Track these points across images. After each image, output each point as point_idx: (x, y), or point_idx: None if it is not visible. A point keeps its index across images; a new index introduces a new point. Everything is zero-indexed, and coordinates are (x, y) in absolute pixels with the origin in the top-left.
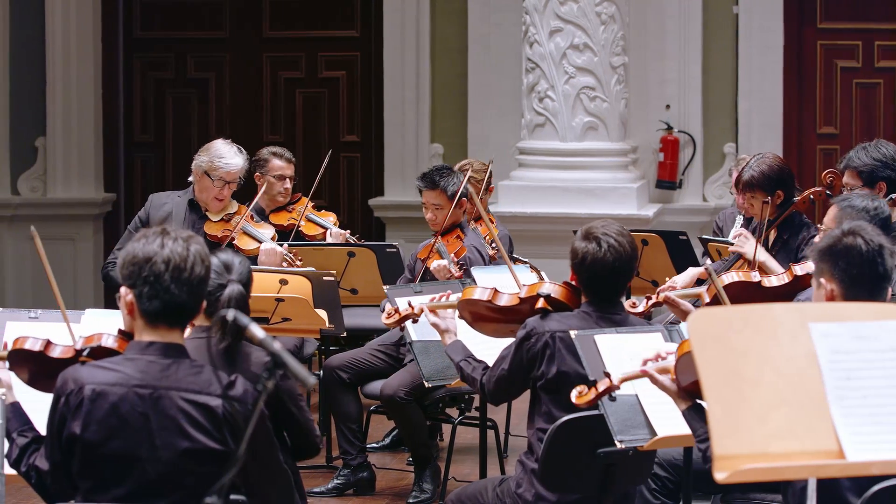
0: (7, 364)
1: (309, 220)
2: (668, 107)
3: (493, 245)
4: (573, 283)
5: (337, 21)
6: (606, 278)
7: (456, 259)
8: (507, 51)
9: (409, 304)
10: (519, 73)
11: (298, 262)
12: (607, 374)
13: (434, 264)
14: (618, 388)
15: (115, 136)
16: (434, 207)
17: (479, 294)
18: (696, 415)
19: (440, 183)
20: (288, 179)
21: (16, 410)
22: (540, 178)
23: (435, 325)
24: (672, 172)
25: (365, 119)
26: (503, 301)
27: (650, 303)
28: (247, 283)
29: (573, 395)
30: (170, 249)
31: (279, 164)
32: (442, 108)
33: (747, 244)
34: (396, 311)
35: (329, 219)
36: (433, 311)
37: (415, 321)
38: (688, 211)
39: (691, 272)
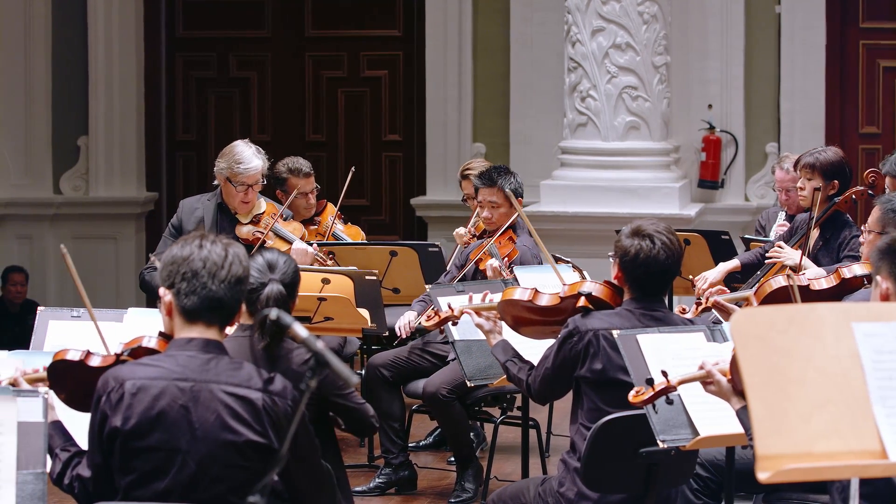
0: (46, 384)
1: (335, 237)
2: (710, 106)
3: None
4: (614, 281)
5: (379, 20)
6: (658, 275)
7: (508, 262)
8: (549, 50)
9: (450, 307)
10: (561, 72)
11: (329, 262)
12: (665, 374)
13: (487, 265)
14: (675, 388)
15: (157, 135)
16: (491, 206)
17: (519, 294)
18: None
19: (498, 181)
20: (310, 194)
21: (58, 428)
22: (582, 178)
23: (480, 326)
24: (714, 172)
25: (407, 118)
26: (544, 301)
27: (700, 308)
28: (290, 282)
29: (630, 394)
30: (208, 250)
31: (298, 181)
32: (484, 107)
33: (790, 254)
34: (436, 313)
35: (353, 235)
36: (477, 312)
37: (454, 324)
38: (730, 210)
39: (722, 267)
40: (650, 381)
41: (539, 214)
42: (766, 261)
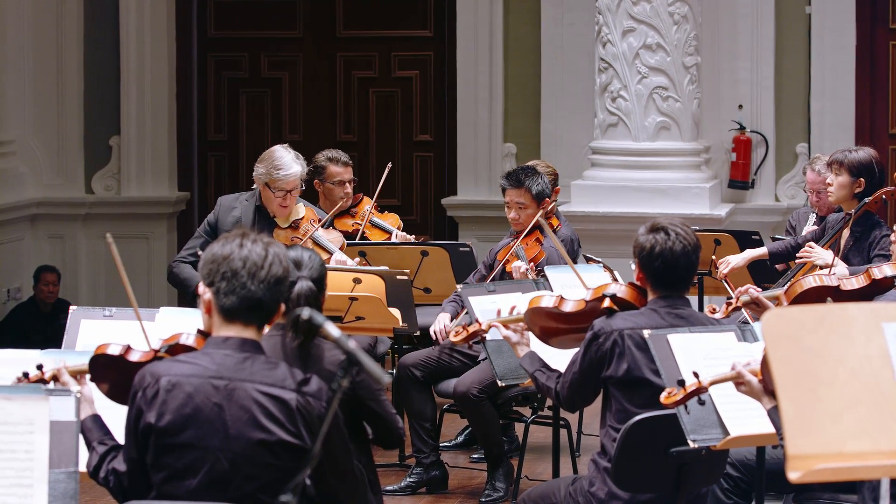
0: (88, 377)
1: (373, 224)
2: (740, 107)
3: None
4: (638, 283)
5: (410, 20)
6: (677, 268)
7: (534, 265)
8: (579, 50)
9: (477, 321)
10: (592, 72)
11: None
12: (696, 375)
13: (513, 267)
14: (706, 389)
15: (189, 135)
16: (518, 206)
17: (545, 302)
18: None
19: (525, 182)
20: (347, 183)
21: (97, 422)
22: (613, 178)
23: (507, 338)
24: (744, 172)
25: (438, 118)
26: (569, 307)
27: (730, 308)
28: (318, 278)
29: (662, 395)
30: (248, 249)
31: (337, 169)
32: (515, 107)
33: (821, 254)
34: (465, 328)
35: (391, 221)
36: (505, 325)
37: (482, 339)
38: (760, 211)
39: (748, 253)
40: (682, 383)
41: (570, 214)
42: (797, 260)
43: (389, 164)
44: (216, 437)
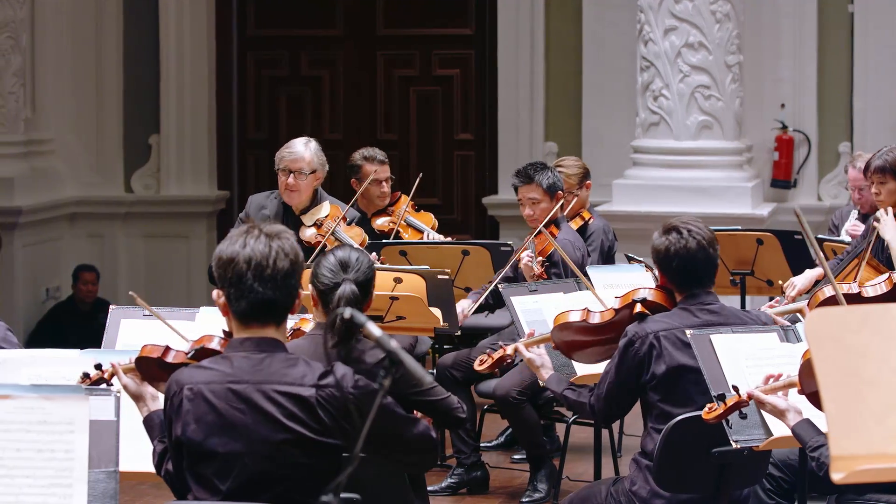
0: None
1: (408, 223)
2: (782, 106)
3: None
4: (664, 286)
5: (451, 19)
6: (696, 264)
7: (541, 258)
8: (621, 49)
9: (502, 346)
10: (633, 71)
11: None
12: (735, 389)
13: (523, 260)
14: (747, 403)
15: (229, 134)
16: (531, 202)
17: (573, 317)
18: (805, 426)
19: (535, 177)
20: (384, 182)
21: (157, 418)
22: (654, 177)
23: (530, 362)
24: (787, 171)
25: (479, 117)
26: (596, 319)
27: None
28: (364, 280)
29: (703, 411)
30: (251, 248)
31: (373, 167)
32: (556, 106)
33: (889, 226)
34: (489, 355)
35: (426, 220)
36: (528, 346)
37: (509, 365)
38: (802, 210)
39: (809, 274)
40: (721, 398)
41: (611, 214)
42: (872, 223)
43: (421, 175)
44: (241, 442)
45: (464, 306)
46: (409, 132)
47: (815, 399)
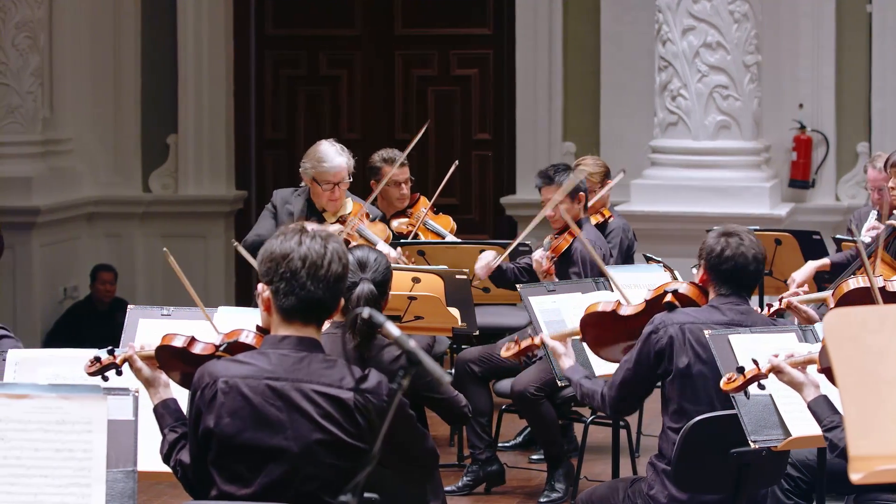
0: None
1: (426, 227)
2: (801, 106)
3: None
4: (700, 284)
5: (469, 19)
6: (747, 273)
7: (552, 254)
8: (639, 49)
9: (530, 336)
10: (651, 71)
11: (411, 262)
12: (755, 362)
13: (535, 256)
14: (766, 376)
15: (247, 134)
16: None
17: (602, 307)
18: (822, 402)
19: (556, 178)
20: (403, 184)
21: (168, 406)
22: (672, 177)
23: (553, 350)
24: (805, 172)
25: (497, 117)
26: (628, 311)
27: (772, 310)
28: (381, 280)
29: (722, 381)
30: (307, 247)
31: (392, 170)
32: (574, 106)
33: None
34: (517, 342)
35: (444, 224)
36: (555, 338)
37: (533, 355)
38: (820, 210)
39: (810, 265)
40: (741, 369)
41: (629, 214)
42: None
43: (456, 162)
44: (275, 438)
45: (488, 258)
46: (427, 132)
47: (831, 376)
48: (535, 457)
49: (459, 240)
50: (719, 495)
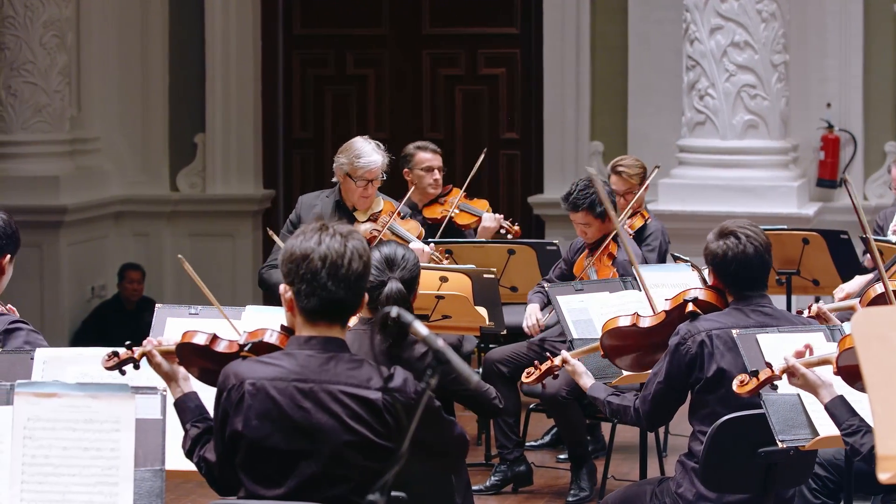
0: (177, 359)
1: (461, 209)
2: (828, 105)
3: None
4: (714, 286)
5: (497, 18)
6: (753, 270)
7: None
8: (667, 48)
9: (550, 358)
10: (679, 70)
11: (446, 260)
12: (769, 365)
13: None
14: (779, 377)
15: (275, 133)
16: (581, 228)
17: (622, 322)
18: (839, 404)
19: (581, 205)
20: (436, 170)
21: (190, 400)
22: (700, 177)
23: (573, 369)
24: (832, 171)
25: (524, 116)
26: (647, 322)
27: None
28: (410, 277)
29: (735, 383)
30: (326, 246)
31: (425, 156)
32: (602, 105)
33: None
34: (537, 366)
35: (480, 206)
36: (574, 357)
37: (555, 377)
38: (848, 210)
39: (860, 279)
40: (754, 372)
41: (657, 213)
42: None
43: (485, 149)
44: (304, 441)
45: (536, 314)
46: (455, 131)
47: (848, 378)
48: (562, 456)
49: (496, 218)
50: (747, 495)
